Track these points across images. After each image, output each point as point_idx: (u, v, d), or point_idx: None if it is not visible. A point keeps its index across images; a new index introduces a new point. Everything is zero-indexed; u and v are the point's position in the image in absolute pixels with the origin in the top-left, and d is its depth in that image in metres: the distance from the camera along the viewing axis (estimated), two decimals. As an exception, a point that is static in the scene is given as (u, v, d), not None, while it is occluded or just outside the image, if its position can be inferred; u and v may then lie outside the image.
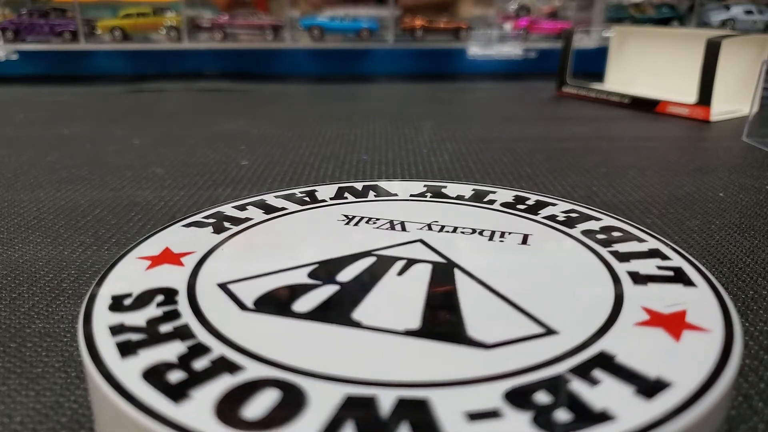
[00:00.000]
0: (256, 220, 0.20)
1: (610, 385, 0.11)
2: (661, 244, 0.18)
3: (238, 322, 0.14)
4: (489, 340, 0.13)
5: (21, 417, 0.15)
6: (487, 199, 0.22)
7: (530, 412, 0.11)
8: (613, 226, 0.19)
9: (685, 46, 0.60)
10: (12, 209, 0.30)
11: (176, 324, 0.14)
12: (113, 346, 0.13)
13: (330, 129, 0.49)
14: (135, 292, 0.15)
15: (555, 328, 0.13)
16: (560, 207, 0.21)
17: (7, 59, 0.78)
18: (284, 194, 0.23)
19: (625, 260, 0.17)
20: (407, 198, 0.23)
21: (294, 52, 0.85)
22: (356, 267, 0.17)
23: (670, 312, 0.14)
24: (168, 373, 0.12)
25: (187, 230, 0.19)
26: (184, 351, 0.13)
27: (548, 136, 0.47)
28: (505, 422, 0.11)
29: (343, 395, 0.11)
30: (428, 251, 0.18)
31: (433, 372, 0.12)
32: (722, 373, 0.12)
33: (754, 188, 0.34)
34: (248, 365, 0.12)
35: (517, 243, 0.18)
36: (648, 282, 0.15)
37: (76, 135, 0.47)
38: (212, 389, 0.12)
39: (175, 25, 0.82)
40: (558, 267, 0.17)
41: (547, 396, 0.11)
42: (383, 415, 0.11)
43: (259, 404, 0.11)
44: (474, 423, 0.11)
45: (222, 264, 0.17)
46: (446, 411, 0.11)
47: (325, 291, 0.15)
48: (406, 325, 0.14)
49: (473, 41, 0.85)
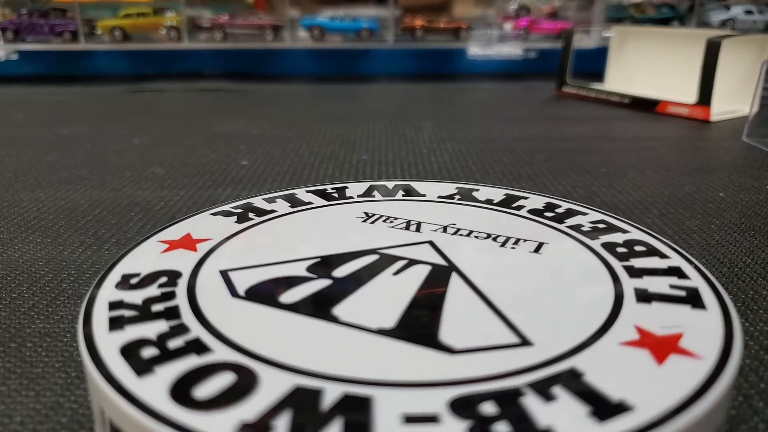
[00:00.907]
0: (279, 213, 0.21)
1: (564, 404, 0.11)
2: (684, 262, 0.17)
3: (224, 307, 0.15)
4: (457, 346, 0.13)
5: (21, 417, 0.15)
6: (516, 204, 0.22)
7: (469, 422, 0.10)
8: (638, 239, 0.18)
9: (685, 46, 0.60)
10: (12, 209, 0.30)
11: (168, 304, 0.15)
12: (106, 320, 0.14)
13: (330, 129, 0.49)
14: (144, 272, 0.16)
15: (532, 339, 0.13)
16: (589, 217, 0.20)
17: (7, 59, 0.78)
18: (315, 189, 0.23)
19: (637, 276, 0.16)
20: (434, 199, 0.22)
21: (294, 52, 0.85)
22: (355, 264, 0.17)
23: (664, 334, 0.13)
24: (142, 348, 0.13)
25: (212, 218, 0.20)
26: (165, 330, 0.14)
27: (548, 136, 0.47)
28: (439, 429, 0.10)
29: (293, 385, 0.12)
30: (433, 253, 0.18)
31: (387, 371, 0.12)
32: (709, 389, 0.12)
33: (754, 188, 0.34)
34: (217, 348, 0.13)
35: (529, 251, 0.18)
36: (654, 300, 0.15)
37: (76, 135, 0.47)
38: (175, 368, 0.12)
39: (175, 25, 0.82)
40: (562, 278, 0.16)
41: (493, 408, 0.11)
42: (323, 408, 0.11)
43: (212, 386, 0.12)
44: (408, 426, 0.10)
45: (231, 252, 0.18)
46: (385, 411, 0.11)
47: (316, 285, 0.16)
48: (380, 323, 0.14)
49: (473, 41, 0.85)
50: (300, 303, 0.15)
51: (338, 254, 0.18)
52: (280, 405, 0.11)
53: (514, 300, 0.15)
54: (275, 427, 0.10)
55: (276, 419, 0.11)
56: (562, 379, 0.12)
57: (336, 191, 0.23)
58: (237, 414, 0.11)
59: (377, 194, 0.23)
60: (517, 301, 0.15)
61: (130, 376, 0.12)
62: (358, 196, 0.22)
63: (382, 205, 0.22)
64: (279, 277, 0.16)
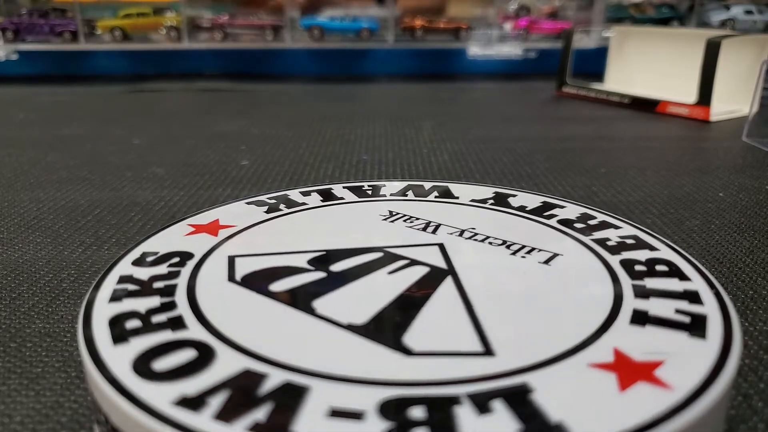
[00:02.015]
0: (309, 206, 0.21)
1: (497, 419, 0.11)
2: (706, 285, 0.15)
3: (216, 291, 0.15)
4: (416, 348, 0.13)
5: (21, 417, 0.15)
6: (549, 213, 0.21)
7: (390, 424, 0.10)
8: (662, 258, 0.17)
9: (685, 46, 0.60)
10: (12, 209, 0.30)
11: (168, 282, 0.16)
12: (110, 293, 0.15)
13: (330, 129, 0.49)
14: (161, 252, 0.17)
15: (496, 350, 0.13)
16: (620, 231, 0.19)
17: (7, 59, 0.78)
18: (351, 185, 0.23)
19: (644, 297, 0.15)
20: (465, 203, 0.22)
21: (294, 52, 0.85)
22: (355, 260, 0.17)
23: (643, 360, 0.12)
24: (128, 320, 0.14)
25: (244, 207, 0.21)
26: (156, 306, 0.14)
27: (548, 136, 0.47)
28: (358, 426, 0.10)
29: (243, 367, 0.12)
30: (439, 256, 0.17)
31: (335, 365, 0.12)
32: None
33: (754, 188, 0.34)
34: (192, 327, 0.14)
35: (539, 261, 0.17)
36: (650, 324, 0.14)
37: (76, 135, 0.47)
38: (147, 341, 0.13)
39: (175, 25, 0.82)
40: (559, 292, 0.15)
41: (421, 413, 0.11)
42: (260, 392, 0.11)
43: (171, 360, 0.12)
44: (329, 419, 0.11)
45: (248, 239, 0.19)
46: (316, 402, 0.11)
47: (309, 277, 0.16)
48: (352, 319, 0.14)
49: (473, 41, 0.85)
50: (286, 292, 0.15)
51: (342, 249, 0.18)
52: (223, 384, 0.12)
53: (498, 309, 0.14)
54: (208, 404, 0.11)
55: (212, 397, 0.11)
56: (504, 393, 0.11)
57: (371, 189, 0.23)
58: (180, 388, 0.11)
59: (410, 194, 0.23)
60: (502, 311, 0.14)
61: (106, 342, 0.13)
62: (390, 195, 0.22)
63: (410, 205, 0.22)
64: (278, 267, 0.17)
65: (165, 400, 0.11)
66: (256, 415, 0.11)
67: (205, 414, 0.11)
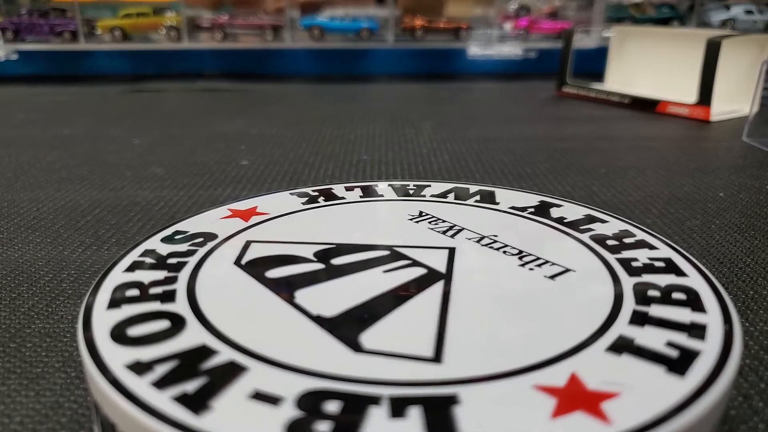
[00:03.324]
0: (347, 200, 0.22)
1: (407, 425, 0.10)
2: (720, 323, 0.14)
3: (218, 272, 0.16)
4: (367, 346, 0.13)
5: (21, 417, 0.15)
6: (586, 227, 0.19)
7: (300, 413, 0.11)
8: (687, 287, 0.15)
9: (685, 46, 0.60)
10: (12, 209, 0.30)
11: (180, 260, 0.17)
12: (129, 263, 0.16)
13: (330, 129, 0.49)
14: (191, 231, 0.19)
15: (445, 358, 0.12)
16: (654, 252, 0.17)
17: (7, 59, 0.78)
18: (396, 184, 0.23)
19: (639, 323, 0.14)
20: (503, 209, 0.21)
21: (294, 52, 0.85)
22: (359, 256, 0.17)
23: (596, 389, 0.11)
24: (128, 289, 0.15)
25: (285, 197, 0.22)
26: (159, 279, 0.16)
27: (548, 136, 0.47)
28: (268, 411, 0.11)
29: (200, 342, 0.13)
30: (443, 259, 0.17)
31: (280, 351, 0.13)
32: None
33: (754, 188, 0.34)
34: (180, 301, 0.15)
35: (545, 275, 0.16)
36: (627, 352, 0.13)
37: (76, 135, 0.47)
38: (132, 309, 0.14)
39: (175, 25, 0.82)
40: (548, 310, 0.15)
41: (335, 408, 0.11)
42: (203, 366, 0.12)
43: (145, 328, 0.13)
44: (249, 399, 0.11)
45: (273, 227, 0.19)
46: (246, 382, 0.12)
47: (306, 267, 0.17)
48: (323, 312, 0.14)
49: (473, 41, 0.85)
50: (276, 279, 0.16)
51: (351, 244, 0.18)
52: (176, 356, 0.12)
53: (474, 318, 0.14)
54: (153, 371, 0.12)
55: (160, 365, 0.12)
56: (427, 402, 0.11)
57: (415, 188, 0.23)
58: (137, 353, 0.12)
59: (451, 196, 0.22)
60: (476, 320, 0.14)
61: (101, 309, 0.14)
62: (431, 196, 0.22)
63: (444, 207, 0.21)
64: (284, 255, 0.17)
65: (121, 363, 0.12)
66: (187, 387, 0.11)
67: (146, 379, 0.12)
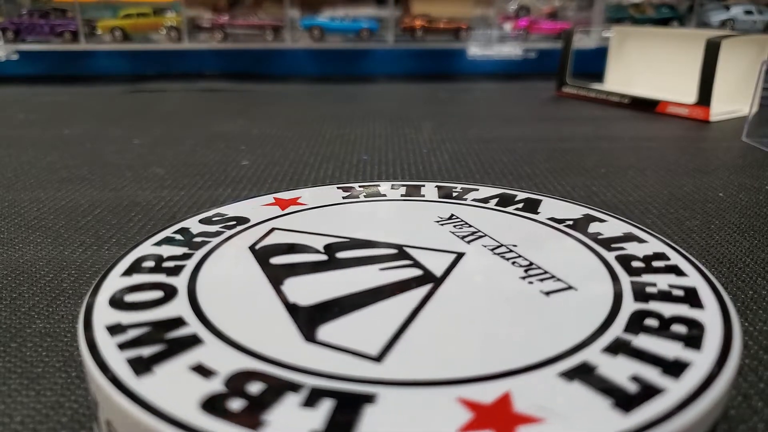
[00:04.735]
0: (386, 198, 0.22)
1: (311, 415, 0.11)
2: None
3: (231, 252, 0.17)
4: (319, 337, 0.13)
5: (21, 417, 0.15)
6: (620, 245, 0.18)
7: (223, 389, 0.11)
8: (689, 318, 0.14)
9: (685, 46, 0.60)
10: (12, 209, 0.30)
11: (206, 239, 0.18)
12: (160, 237, 0.18)
13: (330, 129, 0.49)
14: (228, 214, 0.20)
15: (387, 359, 0.12)
16: (682, 280, 0.16)
17: (7, 59, 0.78)
18: (442, 185, 0.23)
19: (613, 353, 0.13)
20: (539, 219, 0.20)
21: (294, 52, 0.85)
22: (365, 252, 0.17)
23: (522, 412, 0.11)
24: (144, 261, 0.16)
25: (332, 191, 0.22)
26: (176, 254, 0.17)
27: (548, 136, 0.47)
28: (196, 382, 0.11)
29: (177, 314, 0.14)
30: (446, 264, 0.17)
31: (239, 332, 0.13)
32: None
33: (754, 188, 0.34)
34: (183, 276, 0.16)
35: (541, 290, 0.15)
36: (579, 380, 0.12)
37: (76, 135, 0.47)
38: (137, 278, 0.15)
39: (175, 25, 0.82)
40: (521, 327, 0.14)
41: (256, 389, 0.11)
42: (166, 336, 0.13)
43: (139, 296, 0.15)
44: (188, 370, 0.12)
45: (303, 217, 0.20)
46: (194, 355, 0.12)
47: (310, 258, 0.17)
48: (299, 301, 0.15)
49: (473, 41, 0.85)
50: (274, 266, 0.16)
51: (362, 240, 0.18)
52: (150, 324, 0.13)
53: (439, 324, 0.14)
54: (124, 334, 0.13)
55: (134, 329, 0.13)
56: (342, 397, 0.11)
57: (460, 191, 0.23)
58: (120, 316, 0.14)
59: (493, 202, 0.22)
60: (439, 326, 0.14)
61: (116, 278, 0.15)
62: (472, 200, 0.22)
63: (478, 212, 0.21)
64: (296, 244, 0.18)
65: (102, 326, 0.13)
66: (143, 351, 0.12)
67: (114, 341, 0.13)
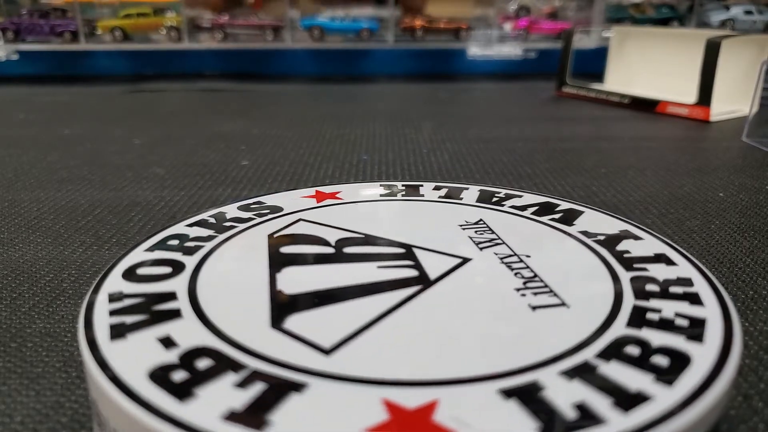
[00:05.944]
0: (423, 199, 0.22)
1: (240, 395, 0.11)
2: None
3: (248, 239, 0.18)
4: (286, 326, 0.13)
5: (21, 417, 0.15)
6: (644, 266, 0.17)
7: (175, 361, 0.12)
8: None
9: (685, 46, 0.60)
10: (12, 209, 0.30)
11: (230, 224, 0.19)
12: (188, 222, 0.19)
13: (330, 129, 0.49)
14: (267, 203, 0.21)
15: (336, 354, 0.12)
16: (696, 310, 0.14)
17: (8, 59, 0.78)
18: (488, 189, 0.23)
19: (570, 376, 0.12)
20: (571, 232, 0.19)
21: (294, 52, 0.85)
22: (371, 249, 0.17)
23: (439, 423, 0.10)
24: (169, 240, 0.18)
25: (372, 188, 0.23)
26: (202, 235, 0.18)
27: (548, 136, 0.47)
28: (157, 353, 0.12)
29: (171, 289, 0.15)
30: (446, 268, 0.16)
31: (215, 311, 0.14)
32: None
33: (754, 188, 0.34)
34: (197, 255, 0.17)
35: (529, 304, 0.14)
36: (517, 399, 0.11)
37: (76, 135, 0.47)
38: (150, 255, 0.17)
39: (175, 25, 0.82)
40: (485, 337, 0.13)
41: (204, 364, 0.12)
42: (154, 308, 0.14)
43: (148, 270, 0.16)
44: (155, 341, 0.13)
45: (332, 210, 0.20)
46: (170, 327, 0.13)
47: (316, 250, 0.18)
48: (284, 289, 0.15)
49: (473, 41, 0.85)
50: (280, 255, 0.17)
51: (374, 236, 0.18)
52: (141, 295, 0.14)
53: (404, 326, 0.14)
54: (122, 302, 0.14)
55: (127, 300, 0.14)
56: (272, 382, 0.11)
57: (503, 197, 0.22)
58: (129, 286, 0.15)
59: (530, 210, 0.21)
60: (403, 329, 0.13)
61: (140, 250, 0.17)
62: (510, 206, 0.21)
63: (510, 219, 0.20)
64: (310, 235, 0.18)
65: (102, 306, 0.14)
66: (126, 319, 0.13)
67: (106, 308, 0.14)
